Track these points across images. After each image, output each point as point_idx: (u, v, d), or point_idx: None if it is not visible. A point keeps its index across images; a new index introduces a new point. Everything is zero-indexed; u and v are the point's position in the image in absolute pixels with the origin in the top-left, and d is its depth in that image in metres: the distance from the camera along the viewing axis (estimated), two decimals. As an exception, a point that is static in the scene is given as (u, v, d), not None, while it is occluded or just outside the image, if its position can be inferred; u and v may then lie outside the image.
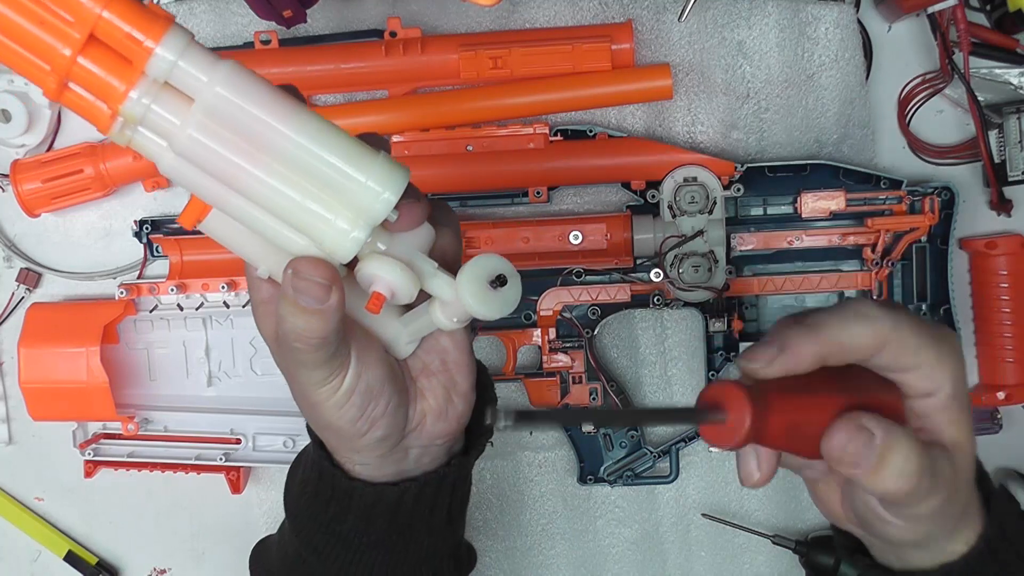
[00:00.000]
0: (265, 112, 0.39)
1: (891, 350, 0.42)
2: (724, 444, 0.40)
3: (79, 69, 0.38)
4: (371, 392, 0.46)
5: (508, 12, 0.71)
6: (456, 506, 0.52)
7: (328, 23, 0.72)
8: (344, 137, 0.41)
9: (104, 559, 0.79)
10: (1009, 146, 0.68)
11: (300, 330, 0.43)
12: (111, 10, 0.37)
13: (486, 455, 0.75)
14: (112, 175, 0.72)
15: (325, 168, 0.40)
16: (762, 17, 0.70)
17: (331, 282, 0.42)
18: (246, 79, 0.39)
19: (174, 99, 0.39)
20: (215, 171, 0.40)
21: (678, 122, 0.72)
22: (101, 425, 0.76)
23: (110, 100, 0.38)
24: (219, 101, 0.38)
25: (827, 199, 0.69)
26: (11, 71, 0.70)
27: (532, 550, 0.77)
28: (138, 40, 0.37)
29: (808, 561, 0.72)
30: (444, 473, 0.50)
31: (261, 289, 0.46)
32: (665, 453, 0.73)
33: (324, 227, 0.41)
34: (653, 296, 0.70)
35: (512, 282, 0.45)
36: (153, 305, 0.74)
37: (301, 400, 0.47)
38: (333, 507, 0.49)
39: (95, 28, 0.37)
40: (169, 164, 0.40)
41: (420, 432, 0.48)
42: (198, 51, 0.38)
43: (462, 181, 0.70)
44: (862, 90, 0.71)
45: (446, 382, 0.49)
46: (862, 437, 0.41)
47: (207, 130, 0.39)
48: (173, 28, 0.38)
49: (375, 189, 0.40)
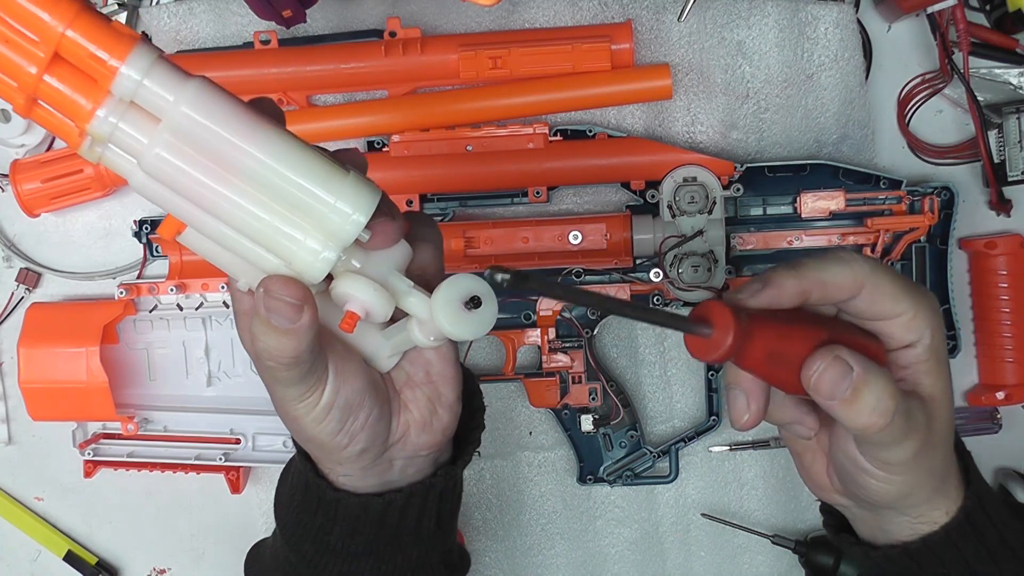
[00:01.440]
0: (232, 132, 0.39)
1: (868, 294, 0.44)
2: (706, 357, 0.42)
3: (46, 87, 0.37)
4: (350, 406, 0.46)
5: (508, 12, 0.71)
6: (445, 514, 0.52)
7: (328, 23, 0.72)
8: (314, 156, 0.40)
9: (104, 559, 0.79)
10: (1009, 146, 0.68)
11: (272, 349, 0.43)
12: (74, 29, 0.37)
13: (486, 455, 0.76)
14: (112, 175, 0.72)
15: (293, 189, 0.40)
16: (762, 17, 0.70)
17: (302, 302, 0.42)
18: (213, 98, 0.38)
19: (141, 118, 0.38)
20: (183, 190, 0.39)
21: (678, 122, 0.72)
22: (101, 425, 0.76)
23: (77, 119, 0.38)
24: (185, 120, 0.38)
25: (827, 199, 0.69)
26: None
27: (532, 550, 0.77)
28: (101, 59, 0.37)
29: (808, 561, 0.72)
30: (430, 483, 0.50)
31: (243, 301, 0.46)
32: (665, 453, 0.73)
33: (294, 247, 0.41)
34: (653, 296, 0.70)
35: (487, 304, 0.44)
36: (153, 305, 0.74)
37: (281, 414, 0.47)
38: (320, 518, 0.49)
39: (59, 47, 0.37)
40: (140, 181, 0.40)
41: (404, 444, 0.48)
42: (164, 69, 0.38)
43: (462, 181, 0.70)
44: (862, 90, 0.71)
45: (430, 394, 0.48)
46: (839, 366, 0.42)
47: (174, 149, 0.38)
48: (138, 47, 0.37)
49: (344, 211, 0.40)
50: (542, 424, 0.75)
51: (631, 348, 0.74)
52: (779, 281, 0.44)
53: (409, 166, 0.70)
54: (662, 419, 0.75)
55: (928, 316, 0.45)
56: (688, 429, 0.74)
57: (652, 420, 0.75)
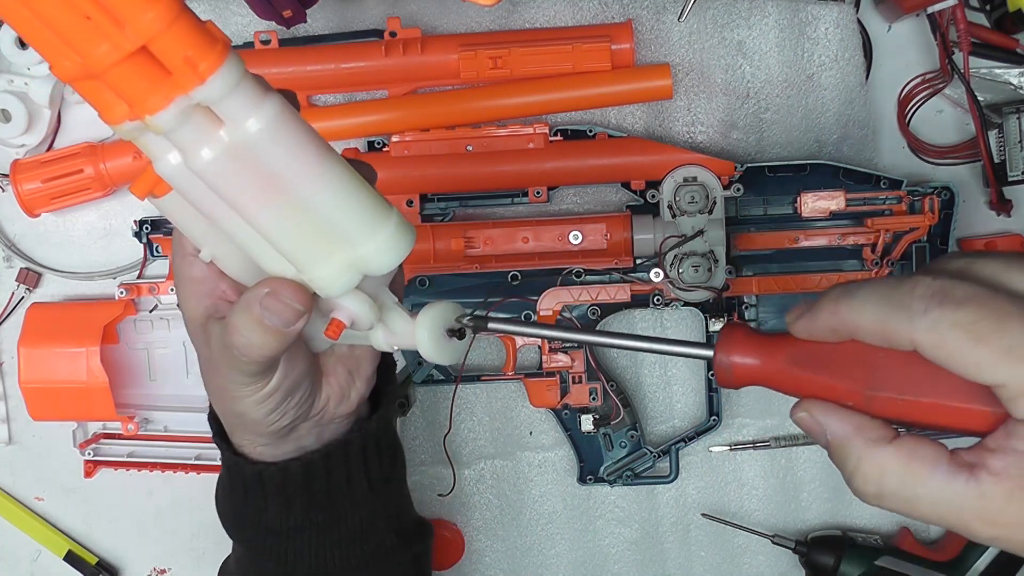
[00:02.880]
0: (296, 160, 0.38)
1: (933, 355, 0.35)
2: (720, 382, 0.41)
3: (117, 72, 0.35)
4: (292, 389, 0.47)
5: (508, 12, 0.71)
6: (376, 474, 0.52)
7: (328, 23, 0.72)
8: (366, 193, 0.40)
9: (104, 559, 0.79)
10: (1009, 146, 0.68)
11: (255, 345, 0.43)
12: (173, 30, 0.34)
13: (486, 455, 0.76)
14: (112, 175, 0.72)
15: (341, 222, 0.40)
16: (762, 17, 0.70)
17: (306, 311, 0.43)
18: (287, 122, 0.37)
19: (206, 120, 0.37)
20: (224, 194, 0.39)
21: (678, 122, 0.72)
22: (101, 425, 0.76)
23: (138, 108, 0.36)
24: (254, 140, 0.37)
25: (827, 199, 0.69)
26: (10, 71, 0.70)
27: (532, 550, 0.77)
28: (194, 64, 0.35)
29: (808, 561, 0.72)
30: (346, 440, 0.50)
31: (194, 267, 0.46)
32: (665, 453, 0.73)
33: (319, 265, 0.41)
34: (653, 296, 0.70)
35: (467, 336, 0.45)
36: (153, 305, 0.74)
37: (217, 388, 0.47)
38: (251, 498, 0.50)
39: (149, 42, 0.34)
40: (170, 170, 0.39)
41: (322, 415, 0.49)
42: (249, 85, 0.36)
43: (462, 181, 0.70)
44: (862, 90, 0.71)
45: (351, 365, 0.49)
46: (805, 425, 0.39)
47: (231, 160, 0.37)
48: (230, 60, 0.36)
49: (382, 251, 0.40)
50: (542, 424, 0.75)
51: (631, 348, 0.74)
52: (815, 313, 0.38)
53: (409, 166, 0.70)
54: (662, 419, 0.75)
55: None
56: (688, 429, 0.73)
57: (652, 420, 0.75)
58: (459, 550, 0.76)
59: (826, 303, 0.37)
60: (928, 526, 0.74)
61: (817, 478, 0.75)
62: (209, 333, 0.46)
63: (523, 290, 0.71)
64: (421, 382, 0.72)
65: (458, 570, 0.76)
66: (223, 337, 0.44)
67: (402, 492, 0.57)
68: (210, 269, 0.46)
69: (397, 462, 0.55)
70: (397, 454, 0.55)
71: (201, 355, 0.48)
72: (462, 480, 0.76)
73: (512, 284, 0.71)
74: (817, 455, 0.75)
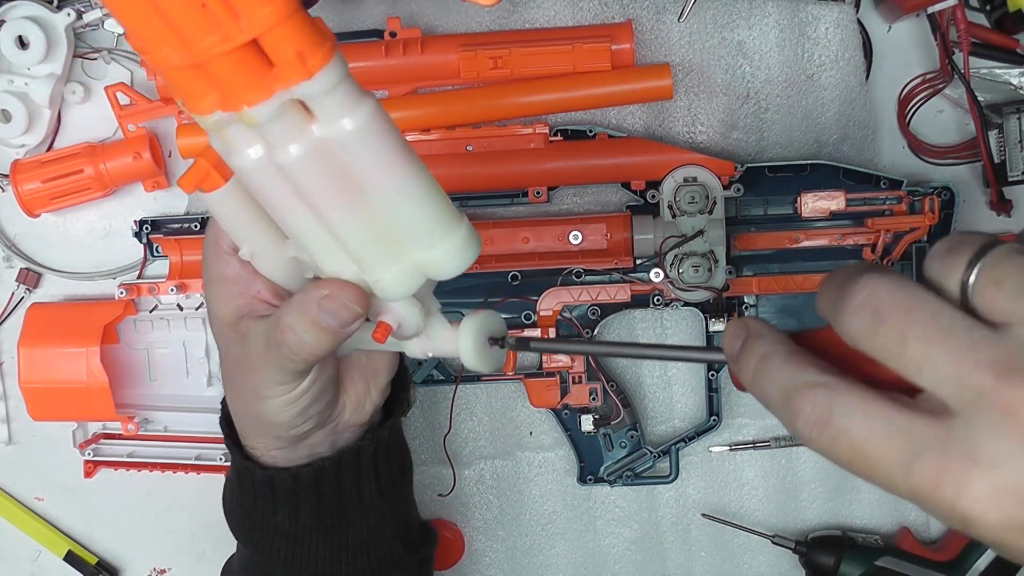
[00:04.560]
0: (383, 162, 0.38)
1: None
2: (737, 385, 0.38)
3: (221, 62, 0.34)
4: (320, 393, 0.47)
5: (508, 12, 0.71)
6: (386, 482, 0.52)
7: (328, 23, 0.71)
8: (441, 199, 0.40)
9: (104, 559, 0.79)
10: (1009, 146, 0.68)
11: (307, 344, 0.43)
12: (291, 23, 0.34)
13: (486, 455, 0.76)
14: (112, 175, 0.72)
15: (415, 226, 0.40)
16: (762, 17, 0.70)
17: (363, 313, 0.43)
18: (380, 127, 0.37)
19: (299, 116, 0.37)
20: (304, 190, 0.38)
21: (678, 122, 0.72)
22: (101, 425, 0.76)
23: (236, 99, 0.35)
24: (347, 139, 0.37)
25: (827, 199, 0.69)
26: (10, 71, 0.70)
27: (532, 550, 0.77)
28: (304, 59, 0.34)
29: (808, 561, 0.72)
30: (358, 447, 0.50)
31: (228, 265, 0.45)
32: (665, 453, 0.73)
33: (384, 268, 0.41)
34: (653, 296, 0.70)
35: (507, 344, 0.45)
36: (153, 305, 0.74)
37: (246, 391, 0.47)
38: (261, 501, 0.50)
39: (261, 36, 0.34)
40: (249, 163, 0.38)
41: (337, 423, 0.49)
42: (348, 87, 0.36)
43: (462, 181, 0.70)
44: (862, 90, 0.71)
45: (368, 375, 0.49)
46: None
47: (319, 157, 0.37)
48: (335, 59, 0.35)
49: (450, 257, 0.41)
50: (542, 424, 0.75)
51: (631, 348, 0.74)
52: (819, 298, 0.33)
53: (409, 166, 0.70)
54: (662, 419, 0.75)
55: None
56: (688, 429, 0.73)
57: (652, 420, 0.75)
58: (459, 550, 0.76)
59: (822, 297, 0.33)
60: (928, 526, 0.74)
61: (817, 478, 0.75)
62: (244, 332, 0.45)
63: (523, 290, 0.71)
64: (421, 382, 0.72)
65: (458, 570, 0.76)
66: (270, 335, 0.44)
67: (409, 497, 0.57)
68: (244, 268, 0.45)
69: (406, 467, 0.55)
70: (406, 460, 0.55)
71: (230, 354, 0.47)
72: (462, 480, 0.76)
73: (512, 284, 0.71)
74: (817, 455, 0.74)
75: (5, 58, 0.70)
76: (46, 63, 0.71)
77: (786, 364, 0.32)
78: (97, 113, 0.74)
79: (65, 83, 0.72)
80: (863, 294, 0.30)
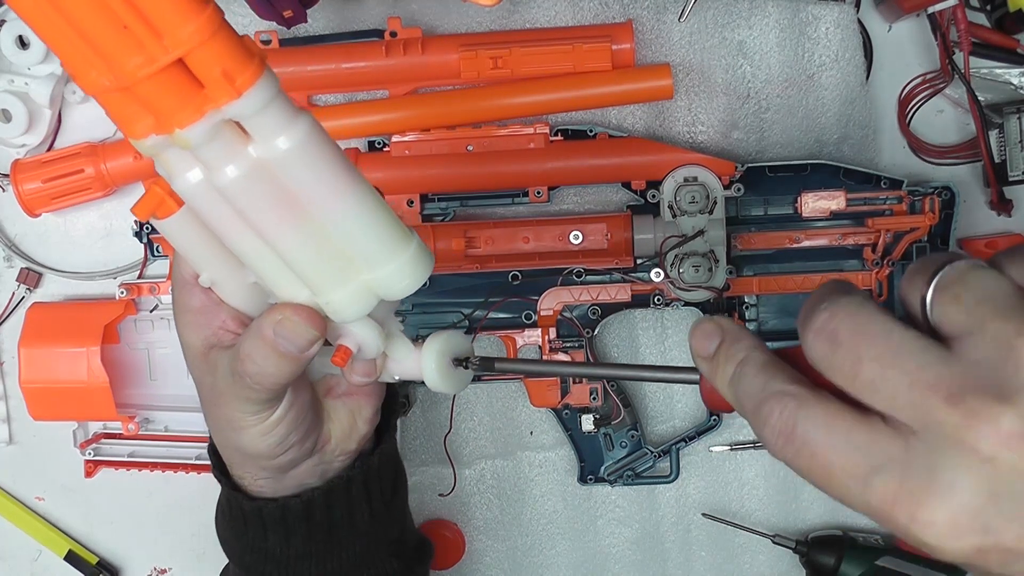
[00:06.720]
0: (323, 181, 0.37)
1: None
2: (708, 405, 0.39)
3: (148, 85, 0.33)
4: (296, 421, 0.46)
5: (508, 12, 0.71)
6: (378, 505, 0.51)
7: (328, 23, 0.72)
8: (388, 218, 0.40)
9: (104, 559, 0.79)
10: (1009, 146, 0.68)
11: (267, 372, 0.42)
12: (216, 42, 0.33)
13: (487, 455, 0.76)
14: (112, 175, 0.72)
15: (363, 247, 0.39)
16: (762, 17, 0.70)
17: (320, 336, 0.42)
18: (318, 145, 0.37)
19: (234, 136, 0.36)
20: (245, 213, 0.38)
21: (678, 122, 0.72)
22: (101, 425, 0.76)
23: (167, 121, 0.35)
24: (283, 158, 0.36)
25: (827, 199, 0.69)
26: (10, 71, 0.70)
27: (533, 550, 0.77)
28: (231, 77, 0.34)
29: (808, 561, 0.72)
30: (348, 476, 0.49)
31: (194, 296, 0.45)
32: (665, 453, 0.73)
33: (336, 288, 0.40)
34: (653, 296, 0.70)
35: (471, 365, 0.45)
36: (154, 305, 0.74)
37: (221, 422, 0.46)
38: (251, 528, 0.49)
39: (186, 55, 0.33)
40: (189, 187, 0.38)
41: (324, 452, 0.48)
42: (280, 105, 0.36)
43: (462, 181, 0.70)
44: (862, 90, 0.71)
45: (352, 405, 0.48)
46: None
47: (257, 178, 0.37)
48: (264, 77, 0.35)
49: (400, 275, 0.40)
50: (543, 424, 0.75)
51: (632, 348, 0.74)
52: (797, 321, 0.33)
53: (409, 166, 0.70)
54: (662, 419, 0.75)
55: None
56: (689, 429, 0.73)
57: (653, 420, 0.75)
58: (459, 550, 0.76)
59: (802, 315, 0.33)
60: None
61: (817, 478, 0.74)
62: (213, 363, 0.45)
63: (523, 290, 0.71)
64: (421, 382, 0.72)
65: (458, 570, 0.76)
66: (232, 365, 0.43)
67: (403, 512, 0.56)
68: (208, 298, 0.45)
69: (399, 486, 0.55)
70: (399, 478, 0.55)
71: (204, 385, 0.46)
72: (462, 480, 0.76)
73: (512, 284, 0.71)
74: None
75: (5, 58, 0.70)
76: (46, 63, 0.71)
77: (762, 371, 0.33)
78: (97, 113, 0.73)
79: (65, 83, 0.72)
80: (822, 317, 0.30)
